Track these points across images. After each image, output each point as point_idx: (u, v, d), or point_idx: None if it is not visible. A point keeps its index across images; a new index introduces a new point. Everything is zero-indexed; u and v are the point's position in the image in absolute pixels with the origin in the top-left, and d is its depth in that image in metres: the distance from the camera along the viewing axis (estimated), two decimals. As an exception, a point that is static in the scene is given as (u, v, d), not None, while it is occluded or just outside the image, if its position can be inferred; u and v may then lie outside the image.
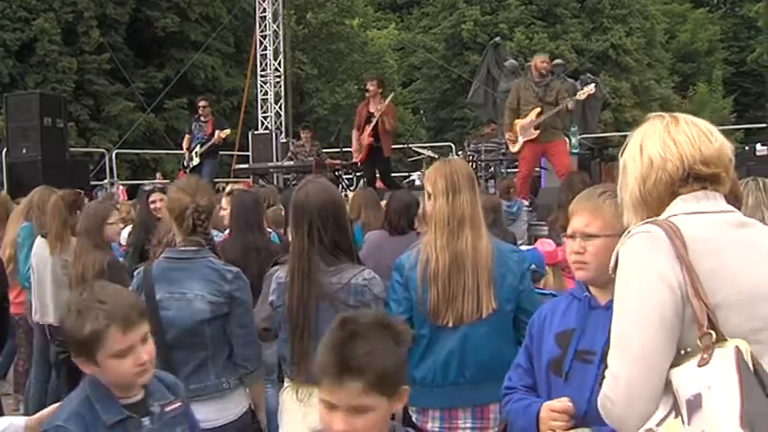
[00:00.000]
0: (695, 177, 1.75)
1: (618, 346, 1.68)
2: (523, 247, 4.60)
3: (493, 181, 10.73)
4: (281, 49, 16.77)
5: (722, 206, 1.75)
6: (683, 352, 1.63)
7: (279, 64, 16.75)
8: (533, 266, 3.72)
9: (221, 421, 3.07)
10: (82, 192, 5.31)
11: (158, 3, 24.42)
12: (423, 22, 35.71)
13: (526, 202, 8.57)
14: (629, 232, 1.74)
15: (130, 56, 24.25)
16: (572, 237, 2.18)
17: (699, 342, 1.60)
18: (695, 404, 1.55)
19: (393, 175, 11.08)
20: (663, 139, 1.77)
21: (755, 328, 1.64)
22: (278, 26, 16.71)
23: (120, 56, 22.48)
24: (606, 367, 1.72)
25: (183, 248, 3.15)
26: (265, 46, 16.62)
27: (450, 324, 2.90)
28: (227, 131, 11.13)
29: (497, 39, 17.55)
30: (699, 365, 1.58)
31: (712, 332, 1.59)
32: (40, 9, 22.08)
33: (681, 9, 39.97)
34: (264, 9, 16.59)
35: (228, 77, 25.72)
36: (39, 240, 4.99)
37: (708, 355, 1.57)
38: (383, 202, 5.52)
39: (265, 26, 16.60)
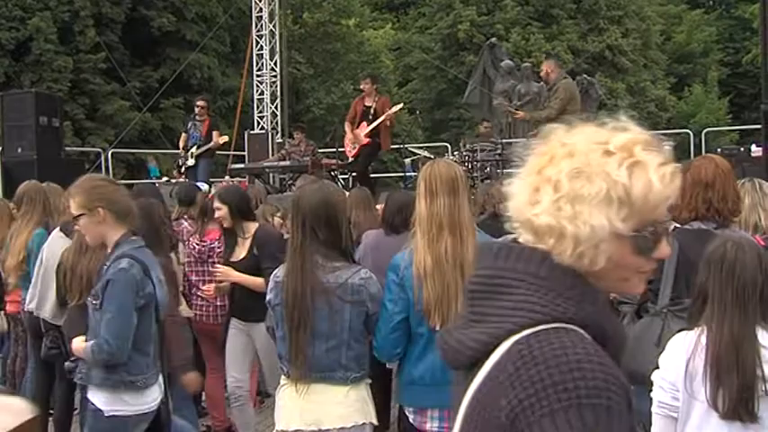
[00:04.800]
0: None
1: None
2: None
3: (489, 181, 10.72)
4: (278, 49, 16.72)
5: None
6: None
7: (275, 64, 16.70)
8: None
9: None
10: None
11: (154, 2, 24.37)
12: (419, 22, 35.70)
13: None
14: None
15: (126, 55, 24.20)
16: None
17: None
18: None
19: (390, 175, 11.06)
20: None
21: None
22: (274, 26, 16.67)
23: (116, 55, 22.42)
24: None
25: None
26: (261, 46, 16.57)
27: (438, 326, 2.84)
28: (226, 138, 11.13)
29: (494, 39, 17.58)
30: None
31: None
32: (36, 8, 22.00)
33: (677, 10, 40.03)
34: (261, 9, 16.54)
35: (224, 77, 25.67)
36: (56, 233, 4.80)
37: None
38: (380, 206, 5.52)
39: (261, 26, 16.56)
